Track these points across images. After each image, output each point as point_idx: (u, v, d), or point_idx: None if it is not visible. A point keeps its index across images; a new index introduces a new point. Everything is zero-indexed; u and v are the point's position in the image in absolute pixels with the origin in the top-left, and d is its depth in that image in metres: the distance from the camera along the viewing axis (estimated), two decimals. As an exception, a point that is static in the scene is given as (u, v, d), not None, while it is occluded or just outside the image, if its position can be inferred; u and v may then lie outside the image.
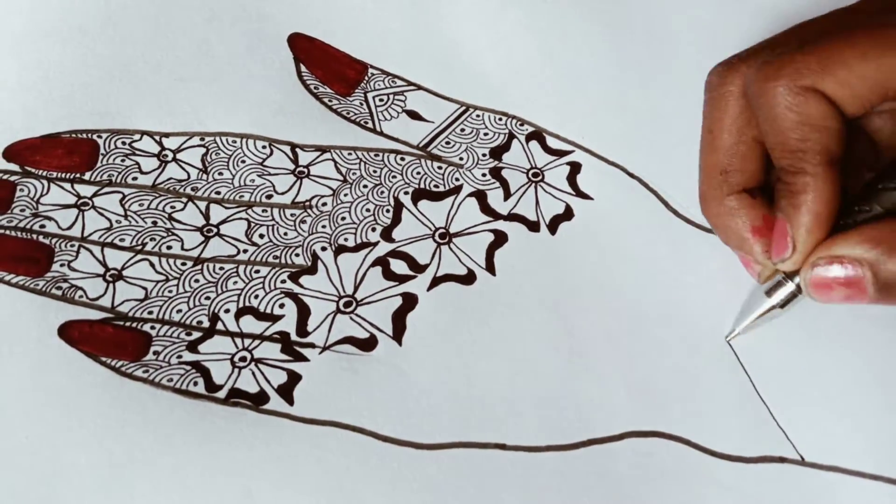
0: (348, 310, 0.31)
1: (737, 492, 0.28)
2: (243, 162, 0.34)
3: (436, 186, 0.34)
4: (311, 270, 0.32)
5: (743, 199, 0.29)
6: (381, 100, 0.36)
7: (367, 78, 0.36)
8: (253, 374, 0.29)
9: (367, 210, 0.33)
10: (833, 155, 0.27)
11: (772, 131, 0.27)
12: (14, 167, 0.33)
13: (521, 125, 0.36)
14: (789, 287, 0.29)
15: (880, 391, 0.30)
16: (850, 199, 0.28)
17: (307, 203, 0.33)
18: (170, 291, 0.31)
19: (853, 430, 0.30)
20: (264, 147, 0.34)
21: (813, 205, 0.27)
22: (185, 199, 0.33)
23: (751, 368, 0.31)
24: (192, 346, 0.30)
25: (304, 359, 0.30)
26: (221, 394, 0.29)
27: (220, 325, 0.30)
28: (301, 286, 0.31)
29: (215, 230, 0.32)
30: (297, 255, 0.32)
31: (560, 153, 0.35)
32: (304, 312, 0.31)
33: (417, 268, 0.32)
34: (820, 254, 0.27)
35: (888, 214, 0.27)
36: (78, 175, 0.33)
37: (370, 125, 0.35)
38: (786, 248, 0.28)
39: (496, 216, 0.33)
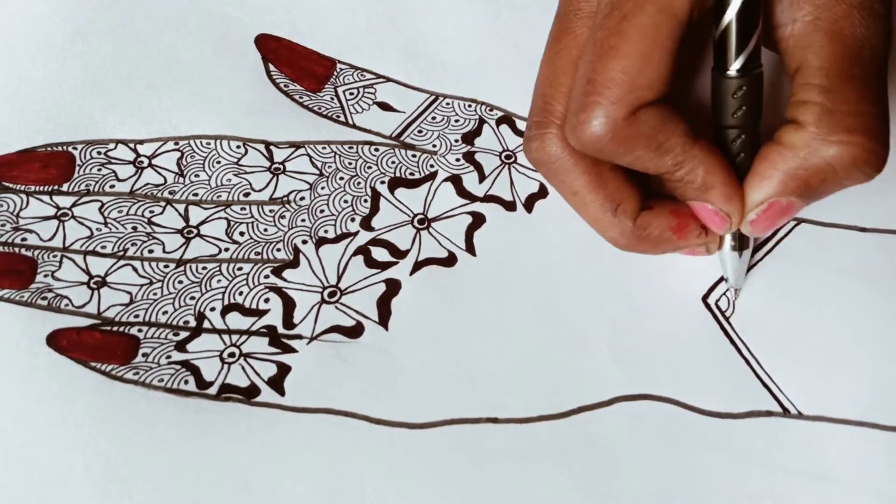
0: (333, 299, 0.31)
1: (727, 447, 0.29)
2: (219, 163, 0.34)
3: (411, 174, 0.34)
4: (294, 264, 0.32)
5: (645, 218, 0.29)
6: (351, 93, 0.36)
7: (335, 73, 0.37)
8: (242, 368, 0.30)
9: (345, 201, 0.34)
10: (690, 132, 0.27)
11: (635, 161, 0.27)
12: (-8, 184, 0.33)
13: (491, 110, 0.36)
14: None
15: (856, 340, 0.31)
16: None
17: (285, 198, 0.33)
18: (154, 294, 0.31)
19: (834, 380, 0.30)
20: (238, 147, 0.34)
21: (714, 178, 0.28)
22: (163, 203, 0.33)
23: (729, 327, 0.31)
24: (181, 346, 0.30)
25: (292, 350, 0.30)
26: (213, 390, 0.29)
27: (206, 324, 0.31)
28: (285, 280, 0.32)
29: (195, 231, 0.32)
30: (278, 249, 0.32)
31: (531, 134, 0.36)
32: (289, 305, 0.31)
33: (399, 254, 0.32)
34: (746, 210, 0.28)
35: (751, 131, 0.28)
36: (56, 187, 0.33)
37: (342, 119, 0.36)
38: (722, 222, 0.29)
39: (473, 199, 0.34)
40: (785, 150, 0.27)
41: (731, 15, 0.27)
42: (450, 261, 0.32)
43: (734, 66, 0.27)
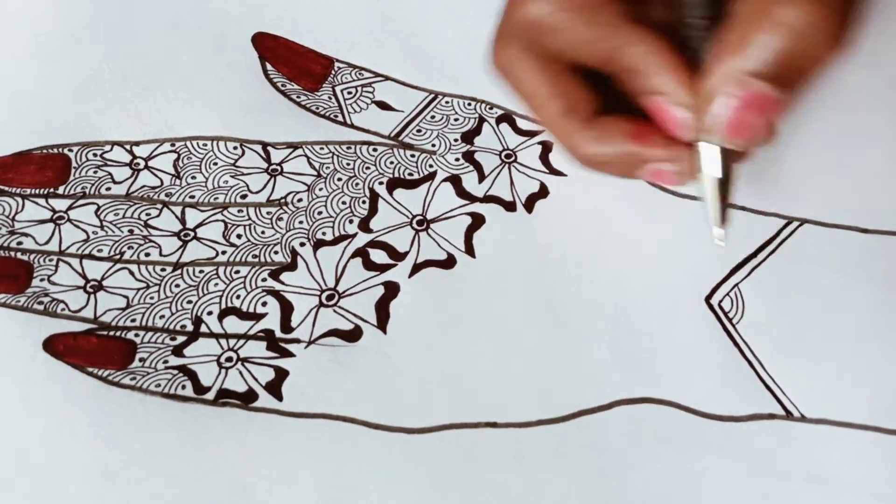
0: (331, 303, 0.31)
1: (729, 451, 0.29)
2: (215, 164, 0.34)
3: (410, 174, 0.34)
4: (292, 267, 0.32)
5: (599, 121, 0.28)
6: (349, 92, 0.36)
7: (333, 72, 0.37)
8: (240, 373, 0.30)
9: (343, 203, 0.33)
10: (629, 14, 0.26)
11: (571, 43, 0.27)
12: (-13, 187, 0.33)
13: (491, 109, 0.36)
14: (714, 150, 0.27)
15: (859, 343, 0.31)
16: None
17: (282, 200, 0.33)
18: (151, 298, 0.31)
19: (837, 383, 0.30)
20: (235, 148, 0.34)
21: (660, 58, 0.26)
22: (159, 206, 0.33)
23: (732, 329, 0.31)
24: (178, 351, 0.30)
25: (290, 354, 0.30)
26: (210, 395, 0.29)
27: (203, 328, 0.30)
28: (282, 283, 0.31)
29: (192, 234, 0.32)
30: (276, 252, 0.32)
31: (531, 133, 0.35)
32: (287, 309, 0.31)
33: (397, 256, 0.32)
34: (710, 100, 0.25)
35: (711, 22, 0.26)
36: (52, 190, 0.33)
37: (340, 118, 0.35)
38: (678, 116, 0.26)
39: (472, 199, 0.34)
40: (737, 23, 0.25)
41: None
42: (449, 263, 0.32)
43: None
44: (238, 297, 0.31)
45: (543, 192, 0.34)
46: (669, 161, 0.28)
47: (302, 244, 0.32)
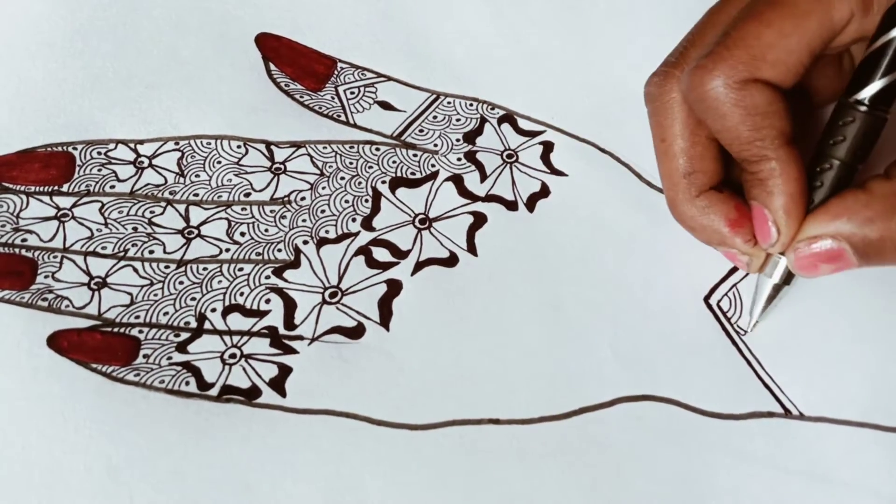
0: (334, 300, 0.31)
1: (728, 448, 0.29)
2: (219, 163, 0.34)
3: (412, 174, 0.34)
4: (295, 264, 0.32)
5: (711, 196, 0.30)
6: (352, 92, 0.36)
7: (336, 72, 0.37)
8: (244, 369, 0.30)
9: (346, 201, 0.33)
10: (788, 134, 0.27)
11: (723, 129, 0.28)
12: (-8, 184, 0.33)
13: (492, 109, 0.36)
14: (784, 263, 0.29)
15: (857, 341, 0.31)
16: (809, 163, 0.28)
17: (286, 199, 0.33)
18: (155, 295, 0.31)
19: (835, 381, 0.30)
20: (239, 147, 0.34)
21: (785, 186, 0.27)
22: (163, 204, 0.33)
23: (731, 328, 0.31)
24: (182, 347, 0.30)
25: (293, 351, 0.30)
26: (214, 391, 0.29)
27: (207, 325, 0.30)
28: (286, 280, 0.32)
29: (196, 231, 0.32)
30: (279, 250, 0.32)
31: (532, 134, 0.36)
32: (290, 306, 0.31)
33: (400, 254, 0.32)
34: (799, 237, 0.28)
35: (845, 168, 0.28)
36: (56, 187, 0.33)
37: (343, 118, 0.36)
38: (769, 234, 0.28)
39: (474, 198, 0.34)
40: (861, 194, 0.27)
41: (886, 38, 0.27)
42: (451, 261, 0.32)
43: (860, 94, 0.27)
44: (242, 294, 0.31)
45: (545, 191, 0.34)
46: (747, 255, 0.30)
47: (305, 242, 0.32)
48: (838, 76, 0.30)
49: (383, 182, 0.34)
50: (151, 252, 0.32)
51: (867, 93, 0.27)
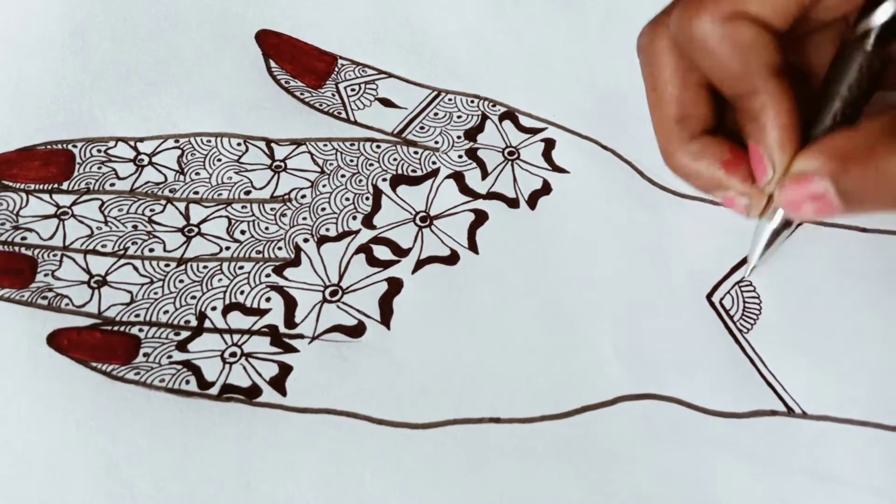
0: (335, 298, 0.31)
1: (731, 447, 0.29)
2: (219, 160, 0.34)
3: (413, 171, 0.34)
4: (295, 262, 0.32)
5: (704, 140, 0.29)
6: (352, 89, 0.36)
7: (337, 69, 0.37)
8: (244, 368, 0.30)
9: (347, 199, 0.33)
10: (777, 67, 0.27)
11: (713, 66, 0.27)
12: (-9, 182, 0.33)
13: (493, 106, 0.36)
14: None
15: (860, 340, 0.31)
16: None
17: (286, 196, 0.33)
18: (155, 293, 0.31)
19: (838, 380, 0.30)
20: (239, 144, 0.34)
21: (777, 119, 0.27)
22: (163, 202, 0.33)
23: (733, 326, 0.31)
24: (182, 346, 0.30)
25: (293, 350, 0.30)
26: (214, 390, 0.29)
27: (207, 323, 0.30)
28: (286, 279, 0.31)
29: (196, 230, 0.32)
30: (279, 248, 0.32)
31: (533, 131, 0.36)
32: (290, 304, 0.31)
33: (401, 252, 0.32)
34: (788, 174, 0.27)
35: (847, 105, 0.27)
36: (56, 185, 0.33)
37: (344, 115, 0.35)
38: (766, 171, 0.28)
39: (475, 196, 0.34)
40: (850, 131, 0.26)
41: None
42: (452, 259, 0.32)
43: (862, 26, 0.26)
44: (242, 292, 0.31)
45: (546, 188, 0.34)
46: (745, 196, 0.29)
47: (305, 240, 0.32)
48: None
49: (384, 179, 0.34)
50: (151, 250, 0.32)
51: (870, 24, 0.26)
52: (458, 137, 0.35)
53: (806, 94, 0.29)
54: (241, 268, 0.32)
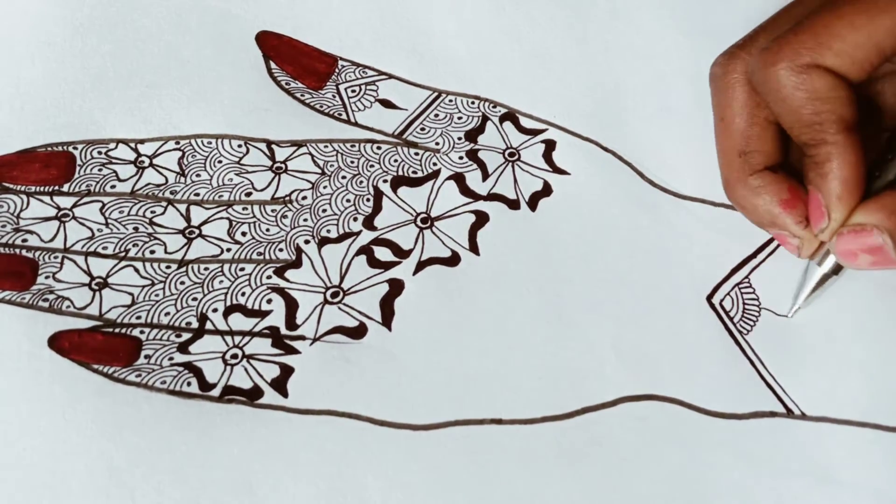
0: (336, 300, 0.31)
1: (731, 448, 0.29)
2: (220, 162, 0.34)
3: (414, 172, 0.34)
4: (296, 264, 0.32)
5: (765, 176, 0.30)
6: (353, 91, 0.36)
7: (337, 70, 0.37)
8: (245, 370, 0.30)
9: (348, 200, 0.33)
10: (848, 121, 0.27)
11: (785, 112, 0.28)
12: (-8, 185, 0.33)
13: (494, 107, 0.36)
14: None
15: (859, 342, 0.31)
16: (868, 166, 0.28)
17: (287, 198, 0.33)
18: (156, 295, 0.31)
19: (837, 382, 0.30)
20: (240, 146, 0.34)
21: (839, 171, 0.27)
22: (164, 203, 0.33)
23: (733, 327, 0.31)
24: (183, 348, 0.30)
25: (295, 351, 0.30)
26: (215, 392, 0.29)
27: (209, 325, 0.30)
28: (287, 280, 0.31)
29: (197, 231, 0.32)
30: (280, 249, 0.32)
31: (534, 132, 0.36)
32: (292, 306, 0.31)
33: (401, 253, 0.32)
34: (845, 227, 0.28)
35: None
36: (56, 187, 0.33)
37: (344, 116, 0.35)
38: (822, 218, 0.28)
39: (476, 197, 0.34)
40: None
41: None
42: (453, 260, 0.32)
43: None
44: (243, 294, 0.31)
45: (547, 190, 0.34)
46: (798, 238, 0.30)
47: (306, 241, 0.32)
48: None
49: (385, 181, 0.34)
50: (152, 252, 0.32)
51: None
52: (459, 139, 0.35)
53: (876, 129, 0.29)
54: (242, 269, 0.32)
